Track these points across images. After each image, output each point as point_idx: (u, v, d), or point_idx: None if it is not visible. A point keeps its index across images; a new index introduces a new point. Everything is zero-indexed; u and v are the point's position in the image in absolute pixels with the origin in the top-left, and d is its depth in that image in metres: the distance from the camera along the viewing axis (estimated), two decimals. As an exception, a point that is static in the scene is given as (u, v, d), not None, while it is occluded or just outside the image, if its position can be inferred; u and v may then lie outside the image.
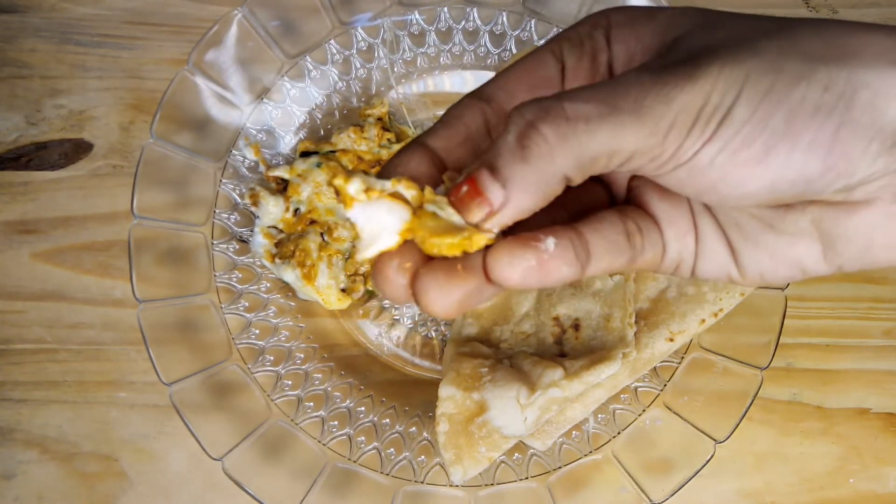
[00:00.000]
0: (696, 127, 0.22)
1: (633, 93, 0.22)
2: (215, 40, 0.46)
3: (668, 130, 0.22)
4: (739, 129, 0.21)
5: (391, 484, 0.43)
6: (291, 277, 0.46)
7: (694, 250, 0.27)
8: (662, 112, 0.21)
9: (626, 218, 0.26)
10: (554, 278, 0.23)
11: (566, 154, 0.22)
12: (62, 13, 0.54)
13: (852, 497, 0.46)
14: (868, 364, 0.48)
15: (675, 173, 0.23)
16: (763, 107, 0.21)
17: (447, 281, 0.23)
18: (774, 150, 0.21)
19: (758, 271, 0.26)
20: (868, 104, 0.21)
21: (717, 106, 0.21)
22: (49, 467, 0.46)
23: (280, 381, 0.46)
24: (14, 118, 0.52)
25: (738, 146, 0.22)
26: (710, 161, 0.22)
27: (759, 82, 0.21)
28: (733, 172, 0.22)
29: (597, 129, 0.21)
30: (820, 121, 0.21)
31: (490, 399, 0.40)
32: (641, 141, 0.22)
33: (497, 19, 0.51)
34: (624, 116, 0.21)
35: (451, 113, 0.27)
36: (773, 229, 0.25)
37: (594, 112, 0.22)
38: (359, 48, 0.51)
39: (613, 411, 0.45)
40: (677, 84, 0.22)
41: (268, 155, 0.50)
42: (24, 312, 0.49)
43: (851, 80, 0.21)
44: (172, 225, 0.45)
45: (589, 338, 0.43)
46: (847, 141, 0.21)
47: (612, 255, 0.25)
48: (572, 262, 0.23)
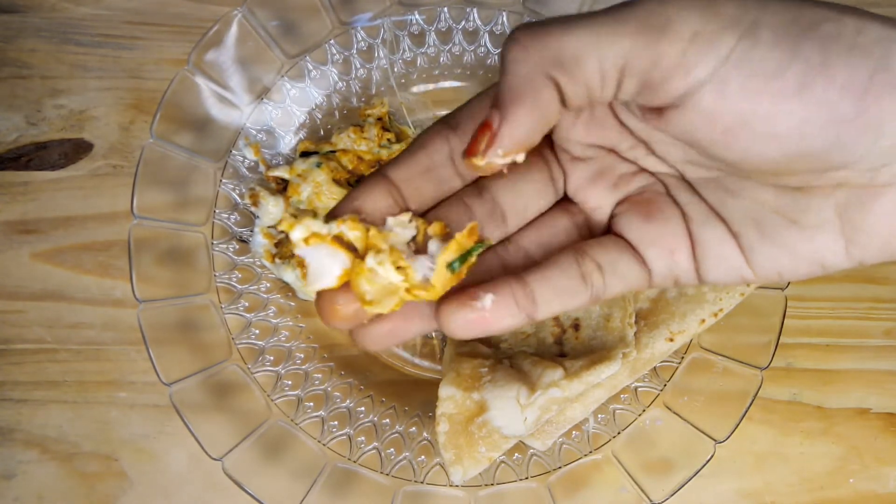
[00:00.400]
0: (704, 34, 0.20)
1: (619, 4, 0.21)
2: (215, 40, 0.46)
3: (662, 28, 0.20)
4: (767, 52, 0.20)
5: (391, 484, 0.43)
6: (291, 277, 0.46)
7: (691, 263, 0.27)
8: (653, 9, 0.20)
9: (583, 257, 0.26)
10: (496, 328, 0.25)
11: (541, 51, 0.21)
12: (62, 13, 0.54)
13: (852, 497, 0.46)
14: (868, 364, 0.48)
15: (699, 103, 0.21)
16: (790, 34, 0.20)
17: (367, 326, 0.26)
18: (810, 84, 0.20)
19: (775, 270, 0.26)
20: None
21: (732, 19, 0.20)
22: (49, 467, 0.46)
23: (280, 381, 0.46)
24: (14, 118, 0.52)
25: (771, 72, 0.20)
26: (741, 84, 0.20)
27: (778, 11, 0.20)
28: (766, 104, 0.20)
29: (572, 30, 0.21)
30: (856, 61, 0.20)
31: (490, 399, 0.40)
32: (628, 38, 0.20)
33: (497, 19, 0.51)
34: (606, 16, 0.21)
35: (417, 141, 0.27)
36: (795, 224, 0.24)
37: (571, 20, 0.21)
38: (359, 48, 0.51)
39: (613, 411, 0.45)
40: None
41: (268, 155, 0.50)
42: (24, 312, 0.49)
43: (886, 30, 0.20)
44: (172, 225, 0.45)
45: (589, 338, 0.43)
46: (882, 88, 0.20)
47: (562, 299, 0.26)
48: (514, 314, 0.25)
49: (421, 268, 0.25)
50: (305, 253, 0.24)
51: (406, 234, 0.25)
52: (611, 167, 0.28)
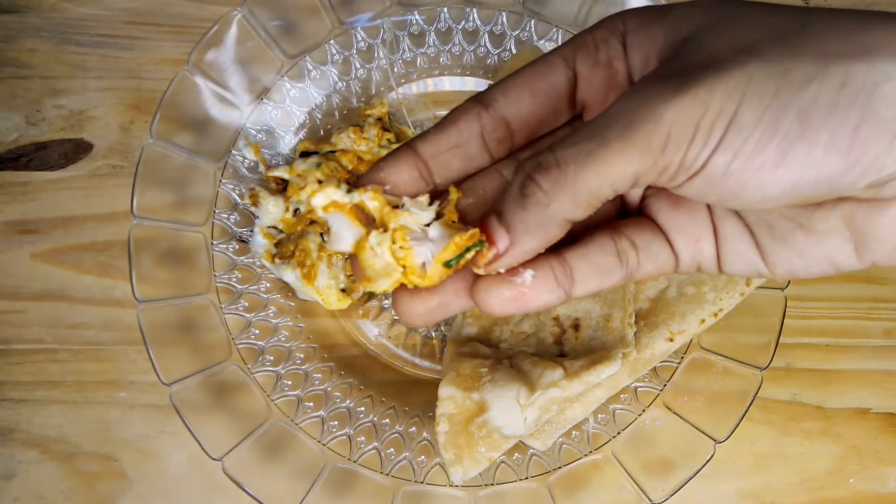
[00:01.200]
0: (697, 137, 0.22)
1: (620, 119, 0.22)
2: (215, 40, 0.46)
3: (663, 145, 0.22)
4: (749, 133, 0.21)
5: (391, 484, 0.43)
6: (291, 277, 0.46)
7: (713, 253, 0.27)
8: (651, 129, 0.22)
9: (619, 237, 0.27)
10: (536, 305, 0.25)
11: (562, 198, 0.23)
12: (62, 13, 0.54)
13: (852, 497, 0.46)
14: (868, 364, 0.48)
15: (692, 184, 0.23)
16: (771, 110, 0.21)
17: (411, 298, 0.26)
18: (791, 152, 0.21)
19: (788, 269, 0.26)
20: (891, 98, 0.20)
21: (720, 113, 0.21)
22: (49, 467, 0.46)
23: (280, 381, 0.46)
24: (14, 118, 0.52)
25: (751, 151, 0.21)
26: (725, 169, 0.22)
27: (763, 86, 0.21)
28: (752, 178, 0.22)
29: (585, 168, 0.22)
30: (837, 119, 0.21)
31: (490, 399, 0.40)
32: (636, 163, 0.22)
33: (497, 19, 0.51)
34: (612, 146, 0.22)
35: (449, 117, 0.27)
36: (802, 228, 0.25)
37: (583, 151, 0.22)
38: (359, 48, 0.51)
39: (613, 411, 0.45)
40: (664, 99, 0.22)
41: (268, 155, 0.49)
42: (24, 312, 0.49)
43: (871, 73, 0.20)
44: (172, 225, 0.45)
45: (589, 338, 0.43)
46: (869, 137, 0.21)
47: (600, 277, 0.26)
48: (553, 289, 0.25)
49: (423, 253, 0.25)
50: (326, 217, 0.25)
51: (423, 216, 0.25)
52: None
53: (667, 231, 0.27)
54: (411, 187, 0.26)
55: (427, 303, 0.26)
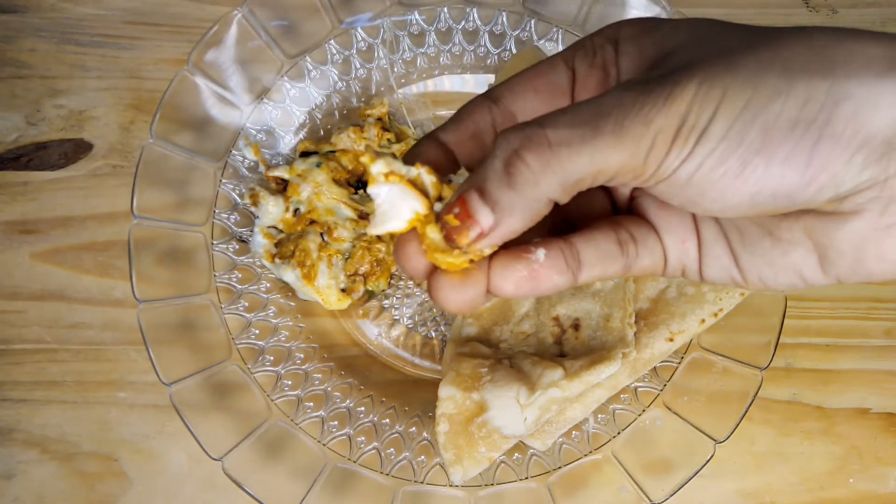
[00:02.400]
0: (674, 146, 0.22)
1: (614, 114, 0.23)
2: (215, 40, 0.46)
3: (648, 151, 0.22)
4: (715, 146, 0.22)
5: (391, 484, 0.43)
6: (291, 277, 0.46)
7: (697, 256, 0.28)
8: (642, 133, 0.22)
9: (619, 228, 0.27)
10: (546, 286, 0.25)
11: (550, 179, 0.23)
12: (62, 13, 0.54)
13: (852, 497, 0.46)
14: (868, 364, 0.48)
15: (657, 188, 0.24)
16: (738, 123, 0.21)
17: (461, 282, 0.25)
18: (750, 165, 0.22)
19: (758, 276, 0.26)
20: (850, 116, 0.21)
21: (694, 125, 0.22)
22: (49, 467, 0.46)
23: (280, 381, 0.46)
24: (14, 118, 0.52)
25: (713, 163, 0.22)
26: (687, 178, 0.23)
27: (735, 99, 0.22)
28: (711, 188, 0.23)
29: (578, 154, 0.23)
30: (798, 135, 0.21)
31: (490, 399, 0.40)
32: (623, 161, 0.23)
33: (497, 19, 0.51)
34: (605, 139, 0.22)
35: (463, 111, 0.28)
36: (770, 236, 0.25)
37: (576, 136, 0.23)
38: (359, 48, 0.51)
39: (613, 411, 0.45)
40: (655, 105, 0.22)
41: (268, 155, 0.50)
42: (24, 312, 0.49)
43: (833, 92, 0.21)
44: (172, 225, 0.45)
45: (589, 338, 0.43)
46: (827, 154, 0.21)
47: (604, 263, 0.26)
48: (563, 271, 0.25)
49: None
50: (378, 191, 0.24)
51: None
52: None
53: (658, 229, 0.28)
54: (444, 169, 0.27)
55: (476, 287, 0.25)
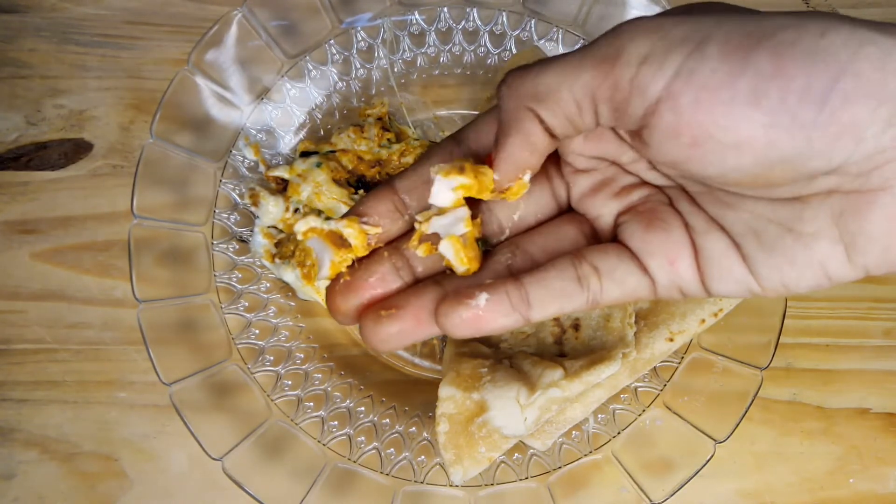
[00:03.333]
0: (651, 57, 0.22)
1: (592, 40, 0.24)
2: (215, 40, 0.46)
3: (615, 57, 0.22)
4: (716, 65, 0.21)
5: (391, 484, 0.43)
6: (291, 277, 0.46)
7: (695, 273, 0.27)
8: (609, 42, 0.23)
9: (580, 261, 0.27)
10: (491, 328, 0.26)
11: (522, 89, 0.24)
12: (62, 13, 0.54)
13: (852, 497, 0.46)
14: (868, 364, 0.48)
15: (660, 119, 0.22)
16: (741, 48, 0.20)
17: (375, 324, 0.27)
18: (763, 91, 0.20)
19: (779, 281, 0.25)
20: (877, 60, 0.19)
21: (681, 40, 0.21)
22: (49, 467, 0.46)
23: (280, 381, 0.46)
24: (14, 118, 0.52)
25: (719, 83, 0.21)
26: (692, 98, 0.21)
27: (733, 28, 0.21)
28: (723, 114, 0.21)
29: (546, 68, 0.24)
30: (816, 65, 0.20)
31: (490, 399, 0.40)
32: (589, 71, 0.23)
33: (497, 19, 0.51)
34: (573, 54, 0.24)
35: (425, 155, 0.30)
36: (791, 232, 0.24)
37: (548, 59, 0.24)
38: (359, 48, 0.51)
39: (613, 411, 0.45)
40: (633, 21, 0.23)
41: (268, 155, 0.50)
42: (24, 312, 0.49)
43: (855, 34, 0.20)
44: (172, 225, 0.45)
45: (589, 338, 0.43)
46: (850, 92, 0.20)
47: (559, 301, 0.27)
48: (508, 313, 0.26)
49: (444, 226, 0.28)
50: (311, 245, 0.29)
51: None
52: (613, 178, 0.29)
53: (640, 255, 0.27)
54: (387, 218, 0.29)
55: (389, 328, 0.27)
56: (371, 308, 0.28)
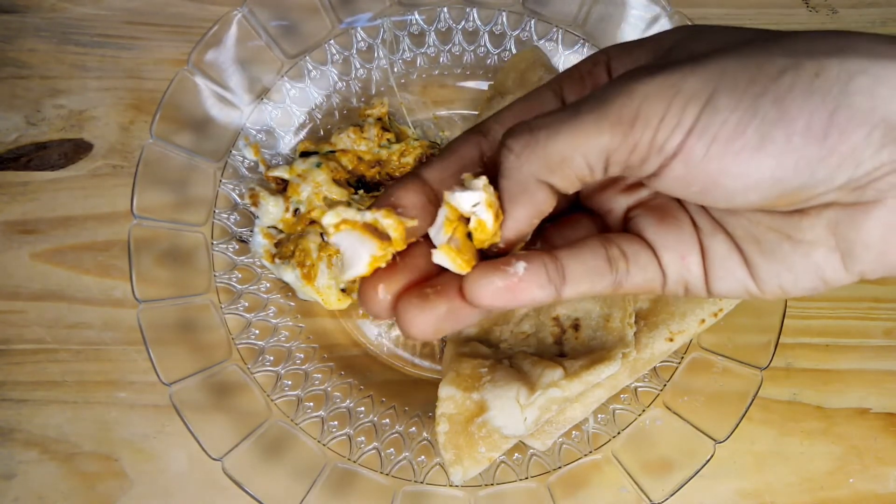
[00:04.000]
0: (669, 115, 0.22)
1: (596, 96, 0.23)
2: (215, 40, 0.46)
3: (632, 120, 0.22)
4: (727, 116, 0.21)
5: (391, 484, 0.43)
6: (291, 277, 0.46)
7: (701, 272, 0.27)
8: (623, 102, 0.22)
9: (609, 244, 0.27)
10: (525, 299, 0.25)
11: (532, 160, 0.23)
12: (62, 13, 0.54)
13: (852, 497, 0.46)
14: (868, 364, 0.48)
15: (671, 171, 0.23)
16: (747, 95, 0.21)
17: (419, 306, 0.25)
18: (770, 136, 0.21)
19: (777, 284, 0.26)
20: (867, 90, 0.21)
21: (692, 96, 0.22)
22: (49, 467, 0.46)
23: (280, 381, 0.46)
24: (14, 118, 0.52)
25: (730, 135, 0.21)
26: (704, 152, 0.22)
27: (737, 75, 0.21)
28: (732, 163, 0.22)
29: (557, 133, 0.23)
30: (813, 105, 0.21)
31: (490, 399, 0.40)
32: (606, 135, 0.22)
33: (497, 19, 0.51)
34: (585, 116, 0.23)
35: (450, 147, 0.28)
36: (790, 239, 0.25)
37: (556, 120, 0.23)
38: (359, 48, 0.51)
39: (613, 411, 0.45)
40: (640, 78, 0.22)
41: (268, 155, 0.50)
42: (24, 312, 0.49)
43: (846, 66, 0.21)
44: (172, 225, 0.45)
45: (589, 338, 0.43)
46: (846, 123, 0.21)
47: (591, 279, 0.26)
48: (544, 285, 0.25)
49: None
50: (339, 240, 0.25)
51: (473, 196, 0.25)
52: (622, 177, 0.29)
53: (655, 247, 0.27)
54: (420, 211, 0.27)
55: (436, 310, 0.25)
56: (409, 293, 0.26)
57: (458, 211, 0.25)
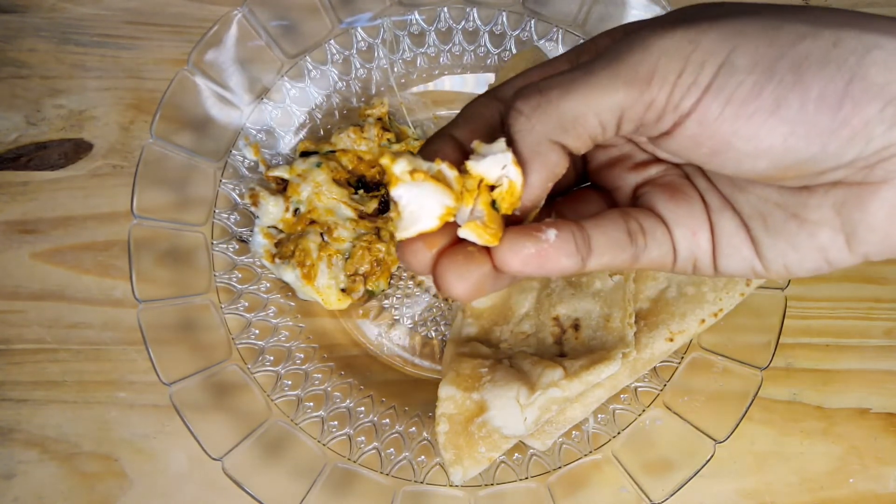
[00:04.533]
0: (686, 72, 0.21)
1: (610, 52, 0.22)
2: (215, 40, 0.46)
3: (649, 77, 0.22)
4: (744, 77, 0.21)
5: (391, 484, 0.43)
6: (291, 277, 0.46)
7: (710, 248, 0.27)
8: (640, 58, 0.22)
9: (628, 217, 0.27)
10: (553, 268, 0.24)
11: (545, 120, 0.23)
12: (62, 13, 0.54)
13: (852, 497, 0.46)
14: (868, 364, 0.48)
15: (684, 130, 0.23)
16: (765, 58, 0.21)
17: (465, 264, 0.24)
18: (785, 100, 0.21)
19: (782, 264, 0.26)
20: (883, 63, 0.20)
21: (711, 52, 0.21)
22: (49, 467, 0.46)
23: (280, 381, 0.46)
24: (14, 118, 0.52)
25: (745, 96, 0.21)
26: (719, 112, 0.22)
27: (756, 37, 0.21)
28: (746, 125, 0.22)
29: (568, 92, 0.22)
30: (829, 74, 0.21)
31: (490, 399, 0.40)
32: (621, 92, 0.22)
33: (497, 19, 0.51)
34: (598, 73, 0.22)
35: (470, 110, 0.28)
36: (796, 218, 0.25)
37: (568, 79, 0.23)
38: (359, 48, 0.51)
39: (613, 411, 0.45)
40: (657, 32, 0.22)
41: (268, 155, 0.50)
42: (24, 312, 0.49)
43: (863, 39, 0.21)
44: (172, 225, 0.45)
45: (589, 338, 0.43)
46: (860, 95, 0.21)
47: (613, 252, 0.26)
48: (572, 254, 0.24)
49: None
50: (401, 194, 0.23)
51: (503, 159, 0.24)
52: (630, 154, 0.29)
53: (667, 222, 0.27)
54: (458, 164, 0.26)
55: (481, 269, 0.24)
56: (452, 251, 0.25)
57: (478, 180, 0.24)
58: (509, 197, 0.24)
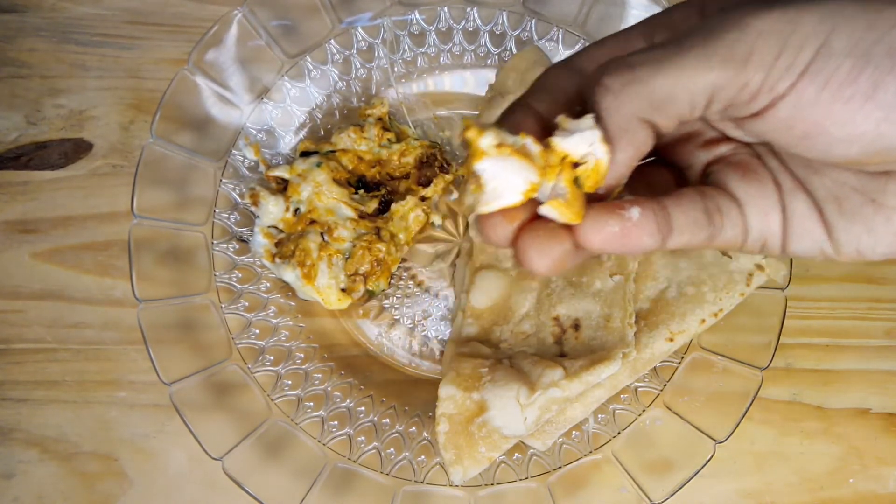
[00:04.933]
0: (784, 54, 0.21)
1: (703, 29, 0.22)
2: (215, 40, 0.46)
3: (746, 57, 0.21)
4: (841, 61, 0.21)
5: (391, 484, 0.43)
6: (291, 277, 0.46)
7: (780, 230, 0.27)
8: (736, 38, 0.21)
9: (705, 197, 0.26)
10: (635, 246, 0.24)
11: (634, 98, 0.22)
12: (62, 13, 0.54)
13: (852, 497, 0.46)
14: (868, 364, 0.48)
15: (778, 112, 0.22)
16: (864, 42, 0.21)
17: (547, 240, 0.24)
18: (882, 85, 0.21)
19: (855, 247, 0.25)
20: None
21: (810, 34, 0.21)
22: (49, 467, 0.46)
23: (280, 380, 0.46)
24: (14, 118, 0.52)
25: (843, 80, 0.21)
26: (815, 96, 0.21)
27: (855, 19, 0.21)
28: (841, 110, 0.21)
29: (658, 70, 0.22)
30: None
31: (490, 399, 0.40)
32: (715, 72, 0.21)
33: (497, 19, 0.51)
34: (692, 51, 0.22)
35: (546, 80, 0.27)
36: (873, 203, 0.25)
37: (657, 55, 0.22)
38: (359, 48, 0.51)
39: (613, 411, 0.45)
40: (754, 13, 0.21)
41: (268, 155, 0.50)
42: (24, 312, 0.49)
43: None
44: (172, 225, 0.45)
45: (589, 338, 0.43)
46: None
47: (692, 231, 0.25)
48: (654, 233, 0.24)
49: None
50: (485, 168, 0.23)
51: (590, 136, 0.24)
52: (701, 132, 0.29)
53: (740, 201, 0.27)
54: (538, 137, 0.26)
55: (563, 245, 0.24)
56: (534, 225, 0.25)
57: (561, 156, 0.24)
58: (594, 175, 0.24)
